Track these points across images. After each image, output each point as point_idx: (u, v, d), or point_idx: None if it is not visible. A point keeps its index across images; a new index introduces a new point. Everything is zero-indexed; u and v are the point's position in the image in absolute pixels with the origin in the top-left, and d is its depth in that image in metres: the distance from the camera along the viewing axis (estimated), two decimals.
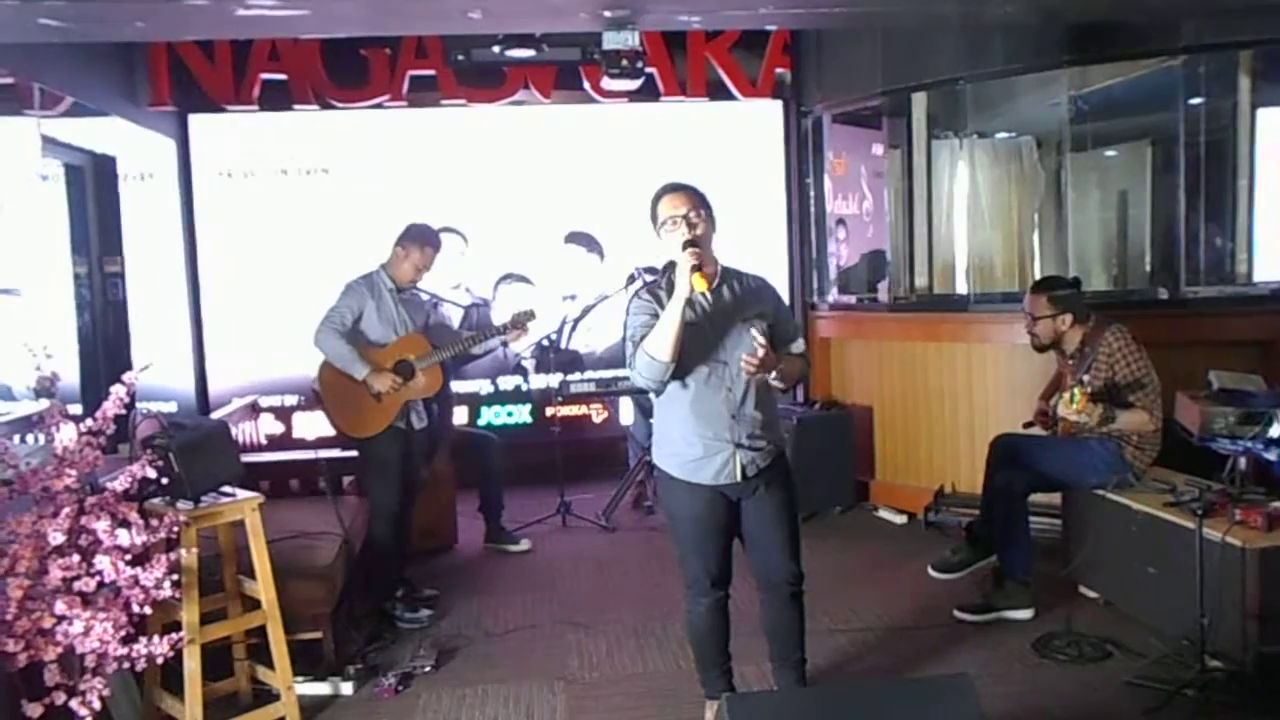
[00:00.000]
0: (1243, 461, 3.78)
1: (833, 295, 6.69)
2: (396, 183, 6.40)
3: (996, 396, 5.25)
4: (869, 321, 6.22)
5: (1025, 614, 4.02)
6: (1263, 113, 5.50)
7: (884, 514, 5.74)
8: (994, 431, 4.45)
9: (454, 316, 5.43)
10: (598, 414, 6.72)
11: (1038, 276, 7.10)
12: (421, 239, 4.33)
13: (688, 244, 2.85)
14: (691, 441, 2.97)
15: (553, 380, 6.03)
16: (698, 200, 2.97)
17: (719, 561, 3.07)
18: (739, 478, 2.98)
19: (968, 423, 5.37)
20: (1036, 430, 4.38)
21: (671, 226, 2.93)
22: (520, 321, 4.54)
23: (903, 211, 6.53)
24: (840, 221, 6.81)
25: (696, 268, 2.79)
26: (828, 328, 6.39)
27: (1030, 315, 4.22)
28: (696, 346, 2.91)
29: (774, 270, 6.48)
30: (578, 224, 6.71)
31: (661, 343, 2.83)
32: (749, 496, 3.05)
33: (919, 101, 6.32)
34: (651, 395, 3.04)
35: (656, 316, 2.91)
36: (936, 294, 6.53)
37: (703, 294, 2.91)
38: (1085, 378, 4.05)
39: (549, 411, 6.15)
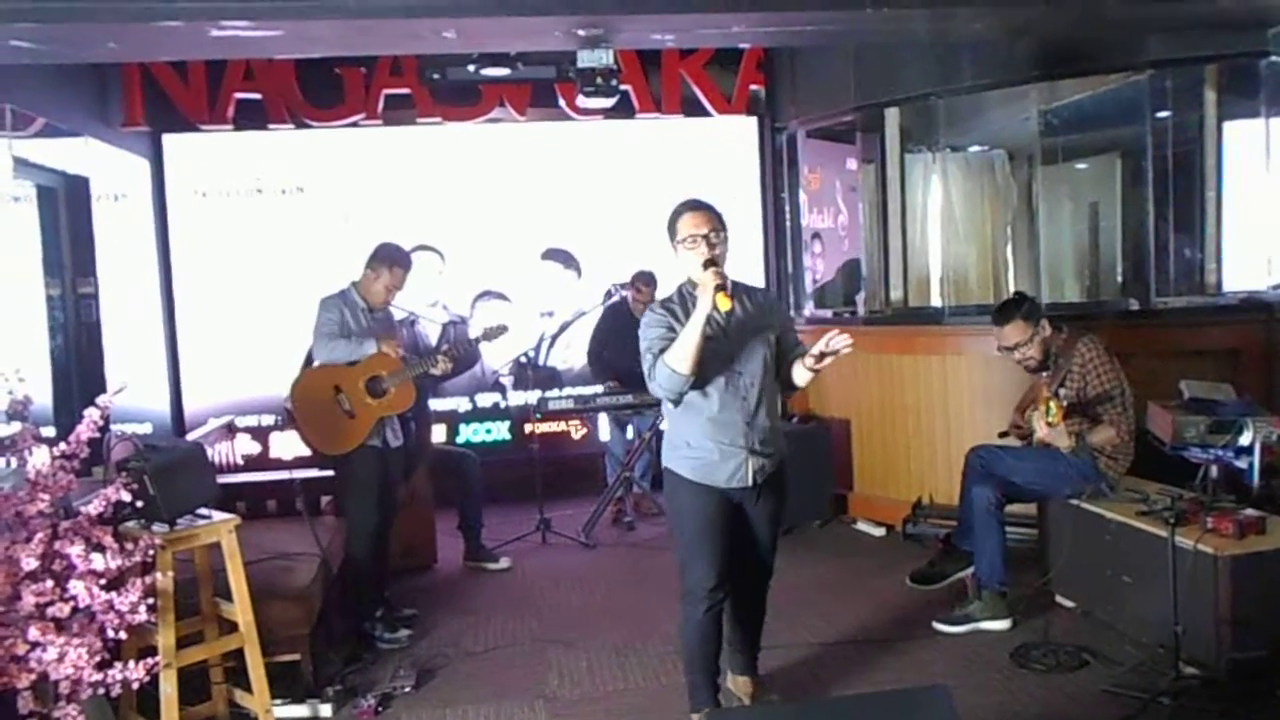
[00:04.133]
0: (1214, 470, 3.84)
1: (808, 309, 6.74)
2: (372, 201, 6.40)
3: (971, 408, 5.29)
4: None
5: (1003, 624, 4.04)
6: (1229, 125, 5.58)
7: (862, 526, 5.76)
8: (970, 443, 4.48)
9: (431, 334, 5.42)
10: (576, 430, 6.74)
11: (1012, 288, 7.18)
12: (391, 259, 4.32)
13: (709, 263, 2.97)
14: (708, 447, 3.11)
15: (531, 397, 6.03)
16: (718, 221, 3.08)
17: (722, 563, 3.15)
18: (750, 482, 3.13)
19: (944, 435, 5.41)
20: (1012, 441, 4.41)
21: (691, 245, 3.03)
22: (450, 353, 4.51)
23: (877, 225, 6.58)
24: (815, 236, 6.86)
25: (720, 287, 2.91)
26: (805, 341, 6.39)
27: (1014, 345, 4.17)
28: (714, 359, 3.04)
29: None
30: (554, 241, 6.73)
31: (682, 356, 2.94)
32: (752, 502, 3.19)
33: (892, 116, 6.38)
34: (669, 404, 3.14)
35: (671, 329, 3.04)
36: (912, 307, 6.58)
37: (724, 311, 3.00)
38: (1062, 391, 4.09)
39: (527, 428, 6.15)
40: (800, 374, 3.12)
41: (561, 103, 6.55)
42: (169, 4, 3.56)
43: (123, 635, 2.77)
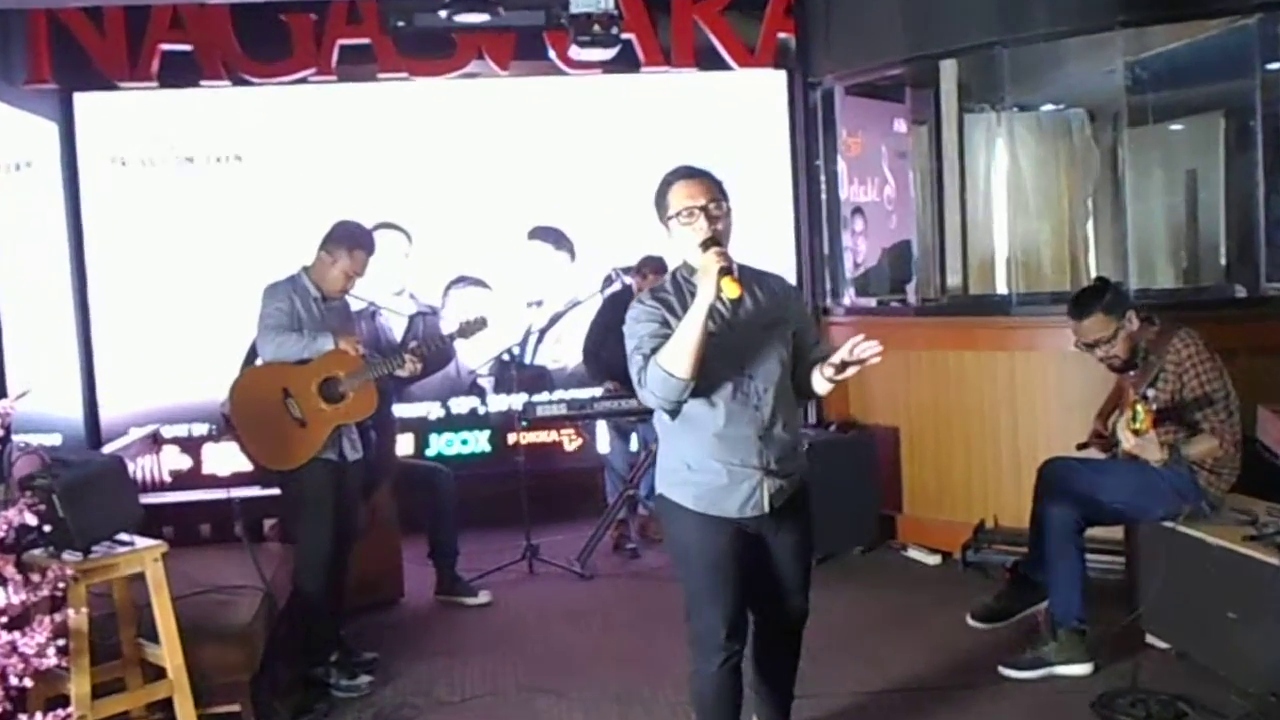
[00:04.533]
0: None
1: (849, 297, 6.76)
2: (324, 171, 6.43)
3: (1045, 414, 5.30)
4: (893, 327, 6.27)
5: (1082, 668, 4.05)
6: None
7: (914, 554, 5.78)
8: (1042, 455, 4.50)
9: (396, 328, 5.45)
10: (570, 441, 6.76)
11: (1092, 274, 7.21)
12: (351, 241, 4.34)
13: (710, 242, 2.89)
14: (715, 468, 3.00)
15: (515, 401, 6.05)
16: (717, 189, 3.00)
17: (737, 607, 3.10)
18: (766, 509, 3.03)
19: (1011, 445, 5.42)
20: (1093, 453, 4.42)
21: (687, 219, 2.96)
22: (418, 352, 4.52)
23: (931, 198, 6.61)
24: (857, 210, 6.89)
25: (725, 270, 2.81)
26: (843, 335, 6.38)
27: (1094, 342, 4.18)
28: (719, 359, 2.93)
29: (779, 269, 6.52)
30: (543, 217, 6.76)
31: (681, 357, 2.83)
32: (771, 532, 3.11)
33: (949, 70, 6.41)
34: (665, 416, 3.06)
35: (665, 324, 2.95)
36: (972, 295, 6.61)
37: (730, 300, 2.90)
38: (1150, 392, 4.09)
39: (511, 438, 6.17)
40: (819, 383, 3.04)
41: (552, 54, 6.58)
42: None
43: (28, 683, 2.78)
